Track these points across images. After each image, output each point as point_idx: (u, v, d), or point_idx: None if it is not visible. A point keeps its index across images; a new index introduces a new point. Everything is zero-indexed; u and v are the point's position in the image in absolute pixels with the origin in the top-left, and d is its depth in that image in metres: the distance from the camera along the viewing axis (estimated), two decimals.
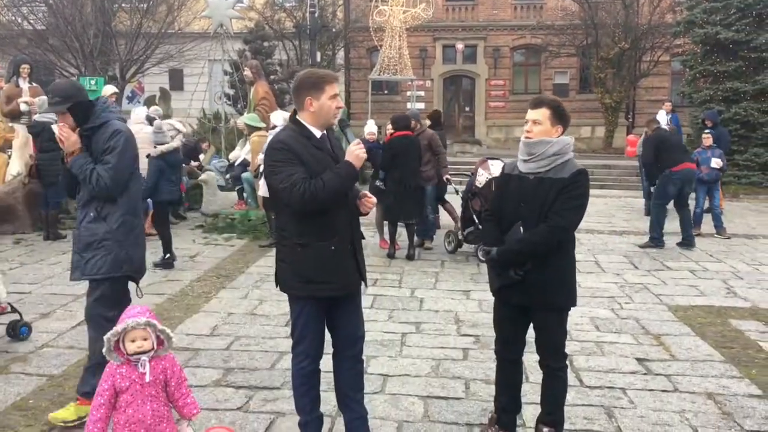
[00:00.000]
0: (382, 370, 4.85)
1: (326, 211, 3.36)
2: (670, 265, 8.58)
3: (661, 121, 12.75)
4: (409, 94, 24.86)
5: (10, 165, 10.32)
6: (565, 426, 3.76)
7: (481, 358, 5.14)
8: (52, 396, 4.36)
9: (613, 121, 24.81)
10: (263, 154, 7.45)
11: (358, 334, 3.61)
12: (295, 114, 3.51)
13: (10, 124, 10.52)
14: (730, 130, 15.45)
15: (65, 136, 3.91)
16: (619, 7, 23.66)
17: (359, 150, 3.40)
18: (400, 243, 9.00)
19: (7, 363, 4.94)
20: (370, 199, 3.54)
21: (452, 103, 28.62)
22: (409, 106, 24.25)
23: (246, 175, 10.87)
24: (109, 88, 11.53)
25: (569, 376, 4.54)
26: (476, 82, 27.91)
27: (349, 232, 3.48)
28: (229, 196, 11.69)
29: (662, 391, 4.57)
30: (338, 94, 3.49)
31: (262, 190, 8.68)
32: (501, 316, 3.74)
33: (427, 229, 9.54)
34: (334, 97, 3.43)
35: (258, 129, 10.21)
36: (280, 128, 9.22)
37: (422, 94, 26.62)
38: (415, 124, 9.26)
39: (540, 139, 3.53)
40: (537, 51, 27.17)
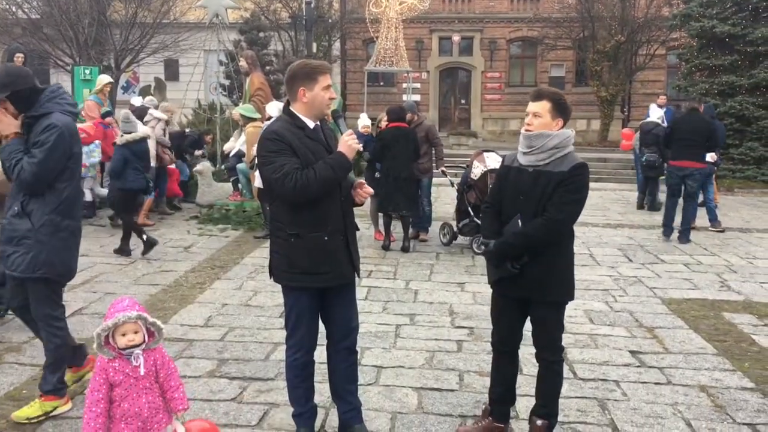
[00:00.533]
0: (377, 362, 4.86)
1: (319, 201, 3.35)
2: (665, 258, 8.60)
3: (653, 115, 12.75)
4: (405, 85, 24.83)
5: None
6: (559, 418, 3.78)
7: (475, 350, 5.15)
8: None
9: (609, 114, 24.83)
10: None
11: (352, 326, 3.61)
12: (289, 105, 3.50)
13: None
14: (726, 124, 15.46)
15: None
16: (616, 0, 23.62)
17: (352, 140, 3.39)
18: (395, 235, 9.00)
19: (1, 353, 4.93)
20: (366, 189, 3.53)
21: (448, 95, 28.58)
22: (405, 98, 24.22)
23: (241, 166, 10.83)
24: (104, 78, 11.46)
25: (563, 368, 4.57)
26: (472, 75, 27.87)
27: (342, 223, 3.47)
28: (225, 187, 11.66)
29: (655, 383, 4.59)
30: (331, 84, 3.47)
31: (257, 181, 8.66)
32: (499, 309, 3.75)
33: (423, 221, 9.54)
34: (328, 88, 3.42)
35: (253, 120, 10.16)
36: (275, 119, 9.25)
37: (418, 86, 26.59)
38: (411, 117, 9.25)
39: (540, 132, 3.51)
40: (533, 43, 27.14)
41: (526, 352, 4.15)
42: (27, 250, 3.75)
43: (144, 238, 8.01)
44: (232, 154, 11.42)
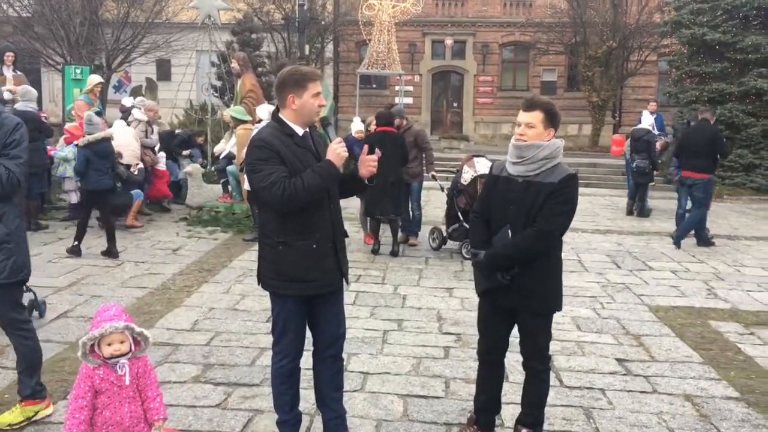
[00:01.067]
0: (363, 368, 4.85)
1: (307, 209, 3.34)
2: (653, 265, 8.63)
3: (645, 122, 12.80)
4: (397, 88, 24.82)
5: None
6: (544, 426, 3.78)
7: (462, 356, 5.15)
8: None
9: (600, 120, 24.91)
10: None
11: (339, 333, 3.60)
12: (278, 111, 3.49)
13: None
14: None
15: None
16: (608, 6, 23.73)
17: (340, 149, 3.38)
18: (384, 239, 8.99)
19: None
20: (370, 157, 3.51)
21: (440, 98, 28.61)
22: (397, 101, 24.18)
23: (231, 168, 10.80)
24: (94, 78, 11.41)
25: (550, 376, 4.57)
26: (465, 78, 27.90)
27: (331, 231, 3.46)
28: (214, 189, 11.62)
29: (641, 392, 4.60)
30: (321, 92, 3.45)
31: (247, 183, 8.64)
32: (486, 318, 3.74)
33: (413, 226, 9.54)
34: (317, 95, 3.40)
35: (244, 122, 10.14)
36: (266, 122, 9.23)
37: (411, 89, 26.59)
38: (400, 122, 9.26)
39: (531, 143, 3.50)
40: (526, 48, 27.19)
41: (513, 359, 4.17)
42: (8, 255, 3.72)
43: (75, 243, 8.01)
44: (222, 156, 11.38)
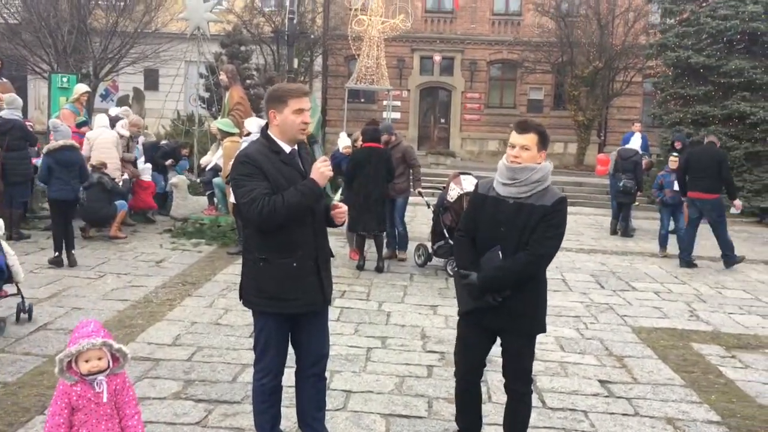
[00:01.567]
0: (346, 386, 4.82)
1: (289, 227, 3.33)
2: (636, 285, 8.67)
3: (634, 143, 12.93)
4: (385, 103, 24.91)
5: None
6: None
7: (445, 376, 5.13)
8: (5, 405, 4.23)
9: (586, 139, 25.14)
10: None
11: (322, 352, 3.57)
12: (267, 128, 3.48)
13: None
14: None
15: None
16: (595, 27, 24.01)
17: (324, 167, 3.36)
18: (370, 254, 8.99)
19: None
20: (340, 209, 3.52)
21: (428, 114, 28.74)
22: (384, 116, 24.31)
23: (217, 180, 10.76)
24: (81, 87, 11.38)
25: (532, 397, 4.57)
26: (452, 95, 28.06)
27: (313, 249, 3.44)
28: (200, 201, 11.57)
29: (623, 414, 4.61)
30: (305, 109, 3.40)
31: (233, 196, 8.60)
32: (467, 340, 3.72)
33: (400, 242, 9.55)
34: (299, 112, 3.37)
35: (231, 134, 10.13)
36: (255, 135, 9.23)
37: (398, 104, 26.70)
38: (388, 138, 9.29)
39: (525, 165, 3.50)
40: (513, 66, 27.42)
41: (495, 379, 4.15)
42: None
43: (56, 254, 7.95)
44: (208, 168, 11.34)
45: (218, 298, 6.99)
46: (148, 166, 11.46)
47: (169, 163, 12.63)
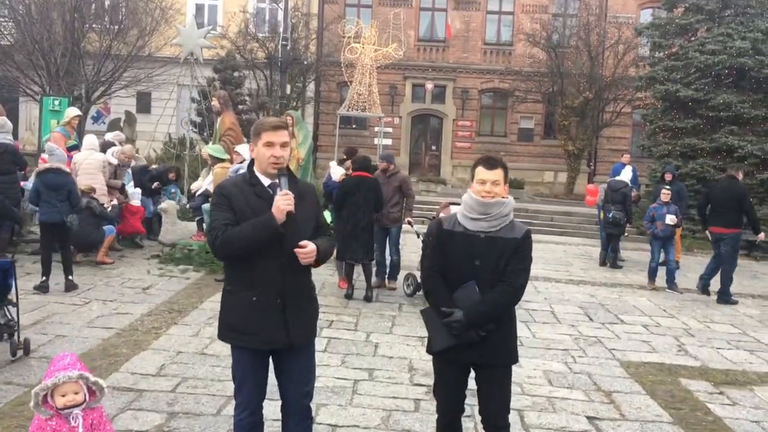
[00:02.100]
0: (332, 420, 4.77)
1: (253, 260, 3.29)
2: (624, 318, 8.67)
3: (624, 175, 13.02)
4: (377, 129, 25.02)
5: None
6: None
7: (432, 410, 5.01)
8: None
9: (576, 168, 25.31)
10: None
11: (303, 391, 3.48)
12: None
13: None
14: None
15: None
16: (585, 58, 24.30)
17: (281, 201, 3.25)
18: (358, 282, 8.95)
19: None
20: (302, 249, 3.29)
21: (419, 141, 28.88)
22: (376, 142, 24.42)
23: (207, 206, 10.73)
24: (72, 111, 11.35)
25: None
26: (444, 122, 28.23)
27: (280, 285, 3.33)
28: (189, 226, 11.52)
29: None
30: (275, 143, 3.35)
31: None
32: (446, 377, 3.68)
33: (392, 270, 9.54)
34: (269, 146, 3.36)
35: (222, 160, 10.13)
36: (247, 161, 9.23)
37: (390, 130, 26.84)
38: (387, 166, 9.38)
39: (498, 200, 3.55)
40: (504, 95, 27.66)
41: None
42: None
43: (44, 279, 7.91)
44: (198, 194, 11.31)
45: (204, 327, 6.92)
46: (138, 190, 11.42)
47: (155, 186, 12.60)
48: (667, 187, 11.41)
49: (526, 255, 3.57)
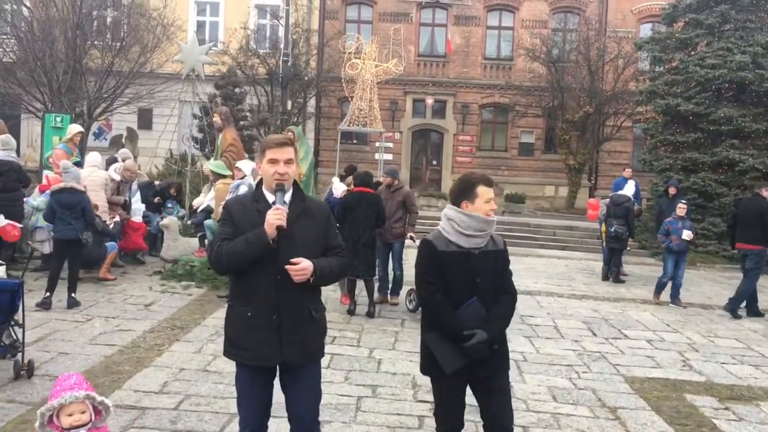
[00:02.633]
0: None
1: (249, 274, 3.31)
2: (628, 333, 8.63)
3: (627, 190, 13.00)
4: (377, 145, 25.07)
5: None
6: None
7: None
8: None
9: (577, 182, 25.30)
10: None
11: (306, 413, 3.43)
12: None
13: None
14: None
15: None
16: (585, 73, 24.36)
17: (272, 216, 3.23)
18: (360, 298, 8.93)
19: None
20: (293, 266, 3.22)
21: (420, 156, 28.93)
22: (377, 157, 24.45)
23: (209, 222, 10.73)
24: (74, 128, 11.37)
25: None
26: (444, 137, 28.29)
27: (274, 302, 3.29)
28: (191, 242, 11.51)
29: None
30: (279, 160, 3.36)
31: None
32: (451, 397, 3.65)
33: (395, 286, 9.53)
34: (273, 162, 3.38)
35: (223, 176, 10.14)
36: (248, 177, 9.23)
37: (391, 145, 26.88)
38: (391, 181, 9.42)
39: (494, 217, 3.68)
40: (504, 110, 27.73)
41: None
42: None
43: (47, 295, 7.94)
44: (200, 210, 11.32)
45: (207, 344, 6.90)
46: (140, 206, 11.42)
47: (157, 200, 12.63)
48: (683, 201, 11.34)
49: (508, 263, 3.75)
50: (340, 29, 26.38)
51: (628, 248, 13.62)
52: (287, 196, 3.40)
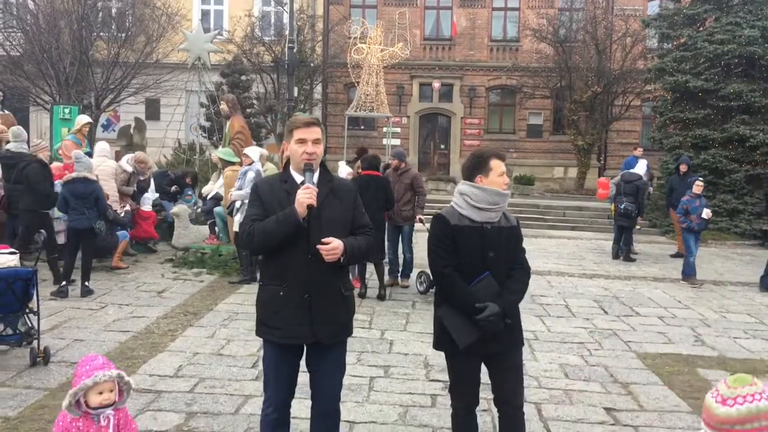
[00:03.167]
0: (349, 417, 4.77)
1: (281, 254, 3.32)
2: (639, 310, 8.63)
3: (639, 169, 12.94)
4: (385, 130, 25.02)
5: None
6: None
7: (449, 405, 5.06)
8: None
9: (586, 163, 25.19)
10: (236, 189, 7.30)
11: (330, 391, 3.46)
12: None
13: None
14: (700, 176, 15.71)
15: None
16: (593, 52, 24.18)
17: (302, 195, 3.24)
18: (371, 281, 8.96)
19: None
20: (325, 246, 3.24)
21: (428, 140, 28.86)
22: (384, 142, 24.42)
23: (218, 209, 10.79)
24: (83, 119, 11.42)
25: (537, 426, 4.55)
26: (452, 120, 28.20)
27: (306, 281, 3.30)
28: (201, 230, 11.57)
29: None
30: (307, 139, 3.36)
31: (236, 225, 8.65)
32: (466, 373, 3.68)
33: (405, 269, 9.55)
34: (302, 142, 3.38)
35: (232, 163, 10.18)
36: (256, 163, 9.25)
37: (398, 130, 26.83)
38: (399, 164, 9.42)
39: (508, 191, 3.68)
40: (512, 92, 27.59)
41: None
42: None
43: (63, 284, 8.04)
44: (209, 197, 11.37)
45: (220, 329, 6.96)
46: (149, 195, 11.47)
47: (174, 189, 12.68)
48: (700, 178, 11.24)
49: (521, 239, 3.75)
50: (345, 14, 26.26)
51: (639, 227, 13.57)
52: (315, 176, 3.41)
